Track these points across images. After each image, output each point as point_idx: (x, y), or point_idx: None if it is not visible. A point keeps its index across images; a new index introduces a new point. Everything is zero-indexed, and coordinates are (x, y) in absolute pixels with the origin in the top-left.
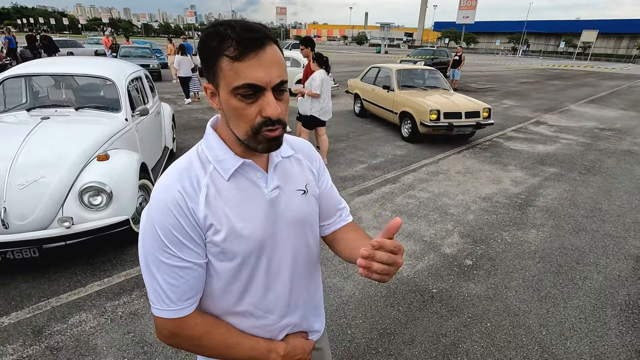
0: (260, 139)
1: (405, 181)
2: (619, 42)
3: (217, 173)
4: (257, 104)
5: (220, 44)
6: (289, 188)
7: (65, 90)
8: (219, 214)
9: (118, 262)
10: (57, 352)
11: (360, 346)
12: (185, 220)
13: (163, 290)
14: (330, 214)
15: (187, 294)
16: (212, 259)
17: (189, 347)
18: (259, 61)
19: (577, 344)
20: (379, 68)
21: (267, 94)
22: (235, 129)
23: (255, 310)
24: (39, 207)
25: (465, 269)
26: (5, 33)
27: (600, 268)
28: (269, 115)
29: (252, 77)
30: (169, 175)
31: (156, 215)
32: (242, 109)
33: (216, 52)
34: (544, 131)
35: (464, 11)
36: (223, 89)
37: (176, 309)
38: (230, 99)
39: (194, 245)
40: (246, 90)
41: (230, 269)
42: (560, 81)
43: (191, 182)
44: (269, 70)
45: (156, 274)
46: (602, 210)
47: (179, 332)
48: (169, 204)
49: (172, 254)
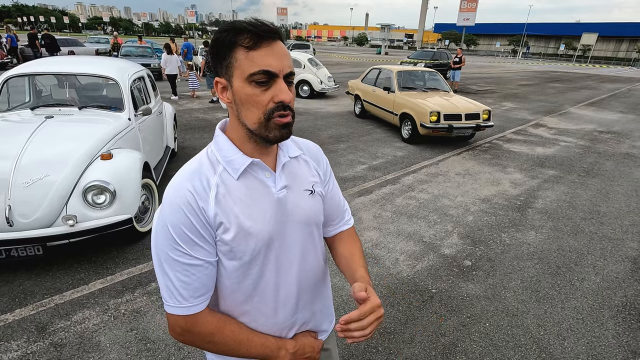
0: (272, 126)
1: (405, 182)
2: (618, 45)
3: (227, 173)
4: (270, 91)
5: (236, 36)
6: (296, 188)
7: (69, 89)
8: (228, 213)
9: (121, 260)
10: (61, 348)
11: (361, 345)
12: (196, 218)
13: (175, 287)
14: (333, 217)
15: (199, 291)
16: (222, 257)
17: (201, 344)
18: (272, 50)
19: (575, 344)
20: (380, 69)
21: (280, 81)
22: (247, 119)
23: (264, 308)
24: (43, 205)
25: (464, 269)
26: (6, 31)
27: (598, 270)
28: (282, 99)
29: (267, 64)
30: (180, 176)
31: (168, 214)
32: (256, 95)
33: (232, 44)
34: (543, 134)
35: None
36: (237, 78)
37: (188, 305)
38: (244, 87)
39: (204, 244)
40: (261, 76)
41: (240, 267)
42: (559, 84)
43: (201, 182)
44: (282, 59)
45: (169, 271)
46: (600, 212)
47: (191, 329)
48: (180, 204)
49: (183, 251)
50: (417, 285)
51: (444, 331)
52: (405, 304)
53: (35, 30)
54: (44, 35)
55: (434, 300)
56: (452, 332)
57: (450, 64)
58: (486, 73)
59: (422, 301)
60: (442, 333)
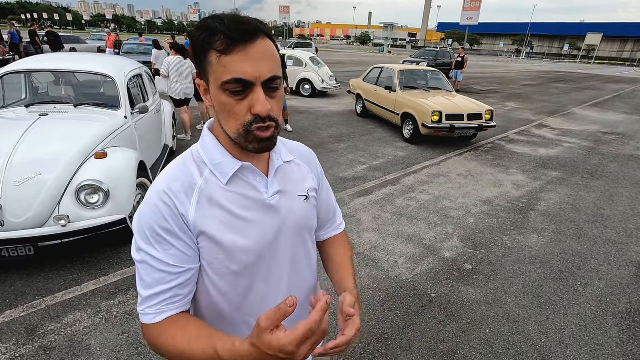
0: (251, 139)
1: (406, 183)
2: (623, 45)
3: (214, 177)
4: (247, 100)
5: (209, 37)
6: (290, 193)
7: (65, 86)
8: (212, 223)
9: (114, 261)
10: (50, 352)
11: (357, 351)
12: (176, 222)
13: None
14: (325, 221)
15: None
16: (208, 269)
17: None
18: (247, 55)
19: (577, 352)
20: (382, 68)
21: (257, 90)
22: (226, 127)
23: (252, 321)
24: (35, 205)
25: (464, 273)
26: (9, 27)
27: (602, 275)
28: (257, 112)
29: (240, 71)
30: (162, 179)
31: (145, 215)
32: (232, 105)
33: (205, 47)
34: (546, 134)
35: (467, 12)
36: (213, 84)
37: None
38: (219, 95)
39: (183, 247)
40: (235, 85)
41: (227, 277)
42: (563, 84)
43: (183, 186)
44: (259, 64)
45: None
46: (604, 215)
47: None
48: (157, 203)
49: (156, 256)
50: (416, 290)
51: (443, 337)
52: (403, 309)
53: (36, 27)
54: (47, 33)
55: (433, 305)
56: (451, 339)
57: (452, 63)
58: (489, 73)
59: (421, 306)
60: (441, 339)
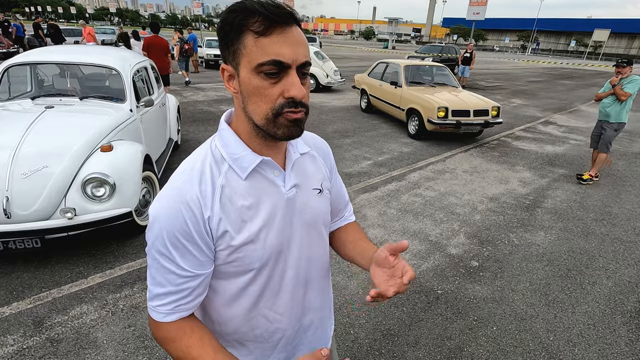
0: (281, 123)
1: (411, 179)
2: (631, 41)
3: (233, 172)
4: (281, 84)
5: (245, 19)
6: (306, 187)
7: (70, 79)
8: (235, 219)
9: (120, 254)
10: (57, 344)
11: (363, 347)
12: (197, 227)
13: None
14: (336, 212)
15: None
16: (225, 266)
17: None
18: (285, 38)
19: (586, 351)
20: (387, 64)
21: (292, 73)
22: (253, 113)
23: (270, 314)
24: (42, 197)
25: (471, 270)
26: (13, 20)
27: (610, 273)
28: (293, 95)
29: (278, 53)
30: (181, 176)
31: (164, 219)
32: (265, 88)
33: (240, 28)
34: (553, 131)
35: (474, 7)
36: (245, 67)
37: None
38: (252, 77)
39: (198, 254)
40: (271, 67)
41: (246, 274)
42: (569, 80)
43: (205, 184)
44: (296, 48)
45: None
46: (612, 213)
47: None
48: (181, 208)
49: (171, 259)
50: (422, 286)
51: (449, 334)
52: (410, 305)
53: (40, 19)
54: (48, 25)
55: (439, 302)
56: (458, 336)
57: (458, 59)
58: (495, 69)
59: (428, 302)
60: (448, 336)
